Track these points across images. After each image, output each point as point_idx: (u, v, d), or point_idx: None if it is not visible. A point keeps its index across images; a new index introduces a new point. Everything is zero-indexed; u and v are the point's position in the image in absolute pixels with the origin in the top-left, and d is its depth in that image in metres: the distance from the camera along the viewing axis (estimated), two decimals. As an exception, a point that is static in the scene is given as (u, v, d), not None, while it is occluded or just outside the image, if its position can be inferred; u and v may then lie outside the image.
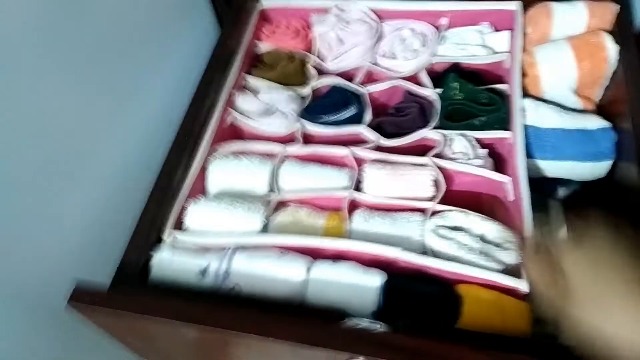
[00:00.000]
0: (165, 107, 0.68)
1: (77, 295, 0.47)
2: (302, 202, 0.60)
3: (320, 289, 0.50)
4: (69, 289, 0.47)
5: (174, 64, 0.73)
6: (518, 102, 0.60)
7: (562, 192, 0.63)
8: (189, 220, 0.57)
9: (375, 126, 0.64)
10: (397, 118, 0.65)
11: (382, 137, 0.62)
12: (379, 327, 0.44)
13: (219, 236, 0.55)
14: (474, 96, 0.63)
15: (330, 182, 0.60)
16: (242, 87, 0.70)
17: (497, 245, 0.52)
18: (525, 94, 0.62)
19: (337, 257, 0.53)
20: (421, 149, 0.62)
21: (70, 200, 0.57)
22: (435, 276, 0.51)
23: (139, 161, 0.64)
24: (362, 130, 0.63)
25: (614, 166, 0.58)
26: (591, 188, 0.61)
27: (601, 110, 0.63)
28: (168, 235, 0.55)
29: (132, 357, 0.58)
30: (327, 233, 0.57)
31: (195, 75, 0.67)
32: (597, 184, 0.60)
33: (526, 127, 0.59)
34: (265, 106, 0.68)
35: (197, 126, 0.63)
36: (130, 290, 0.49)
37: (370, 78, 0.70)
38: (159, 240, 0.55)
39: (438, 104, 0.64)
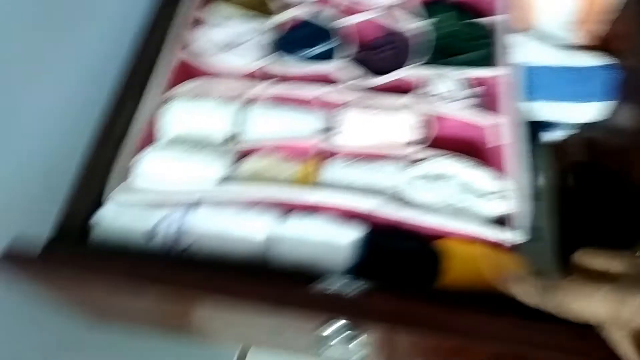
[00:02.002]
0: (113, 40, 0.58)
1: (9, 255, 0.40)
2: (270, 150, 0.54)
3: (289, 246, 0.45)
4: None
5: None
6: (507, 36, 0.54)
7: (549, 136, 0.58)
8: (137, 172, 0.50)
9: (350, 65, 0.57)
10: (377, 55, 0.59)
11: (357, 76, 0.55)
12: (355, 287, 0.39)
13: (173, 190, 0.49)
14: (465, 29, 0.57)
15: (302, 126, 0.54)
16: (198, 18, 0.62)
17: (484, 194, 0.48)
18: (515, 28, 0.56)
19: (309, 209, 0.48)
20: (402, 90, 0.55)
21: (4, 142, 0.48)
22: (415, 230, 0.46)
23: (82, 101, 0.55)
24: (337, 68, 0.56)
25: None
26: (583, 131, 0.57)
27: (603, 46, 0.57)
28: (113, 189, 0.48)
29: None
30: (299, 183, 0.51)
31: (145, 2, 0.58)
32: (590, 128, 0.56)
33: (516, 65, 0.53)
34: (226, 39, 0.60)
35: (145, 63, 0.55)
36: (70, 249, 0.42)
37: (345, 12, 0.62)
38: (101, 196, 0.48)
39: (420, 41, 0.57)
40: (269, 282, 0.38)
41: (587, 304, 0.33)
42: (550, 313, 0.35)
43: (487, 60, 0.55)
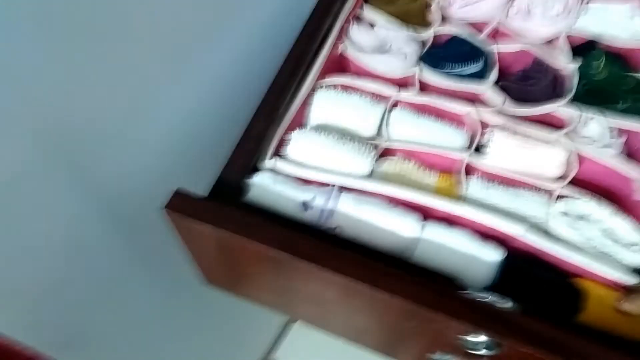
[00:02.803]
0: (284, 23, 0.61)
1: (176, 202, 0.43)
2: (410, 155, 0.55)
3: (432, 251, 0.46)
4: (162, 200, 0.42)
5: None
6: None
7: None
8: (291, 149, 0.52)
9: (498, 89, 0.58)
10: (525, 86, 0.59)
11: (509, 101, 0.56)
12: (509, 305, 0.40)
13: (325, 172, 0.50)
14: (618, 78, 0.57)
15: (445, 139, 0.55)
16: (358, 17, 0.64)
17: (627, 244, 0.48)
18: (675, 87, 0.56)
19: (446, 221, 0.49)
20: (547, 125, 0.56)
21: (171, 104, 0.51)
22: (555, 264, 0.46)
23: (247, 72, 0.58)
24: (487, 89, 0.57)
25: None
26: None
27: None
28: (269, 160, 0.50)
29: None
30: (438, 194, 0.52)
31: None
32: None
33: (673, 124, 0.53)
34: (381, 42, 0.62)
35: (310, 48, 0.57)
36: (234, 208, 0.44)
37: (496, 36, 0.63)
38: (257, 165, 0.51)
39: (574, 79, 0.57)
40: (425, 281, 0.39)
41: None
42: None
43: None
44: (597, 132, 0.54)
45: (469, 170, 0.54)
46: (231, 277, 0.52)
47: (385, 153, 0.55)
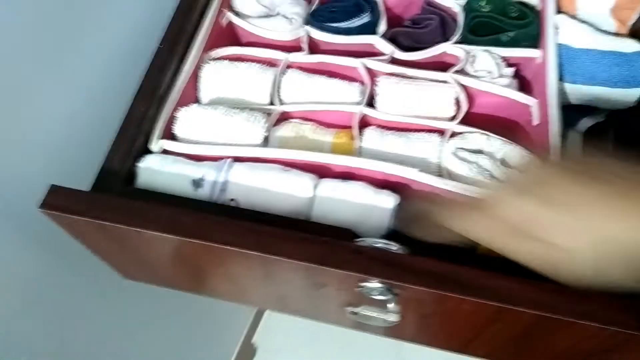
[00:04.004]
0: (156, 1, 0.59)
1: (52, 200, 0.41)
2: (306, 118, 0.54)
3: (328, 207, 0.45)
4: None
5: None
6: (551, 17, 0.54)
7: (585, 122, 0.58)
8: (179, 127, 0.51)
9: (389, 38, 0.58)
10: (414, 30, 0.59)
11: (397, 50, 0.56)
12: (395, 248, 0.40)
13: (215, 147, 0.49)
14: (502, 9, 0.57)
15: (338, 96, 0.54)
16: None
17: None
18: (558, 10, 0.56)
19: (345, 177, 0.48)
20: (440, 66, 0.56)
21: (50, 95, 0.49)
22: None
23: (126, 58, 0.55)
24: (376, 40, 0.56)
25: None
26: (616, 118, 0.57)
27: (633, 36, 0.58)
28: (157, 143, 0.49)
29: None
30: (335, 151, 0.51)
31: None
32: (623, 114, 0.56)
33: (557, 46, 0.54)
34: (265, 8, 0.60)
35: (188, 24, 0.55)
36: (114, 197, 0.43)
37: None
38: (145, 149, 0.49)
39: (461, 17, 0.57)
40: (312, 238, 0.39)
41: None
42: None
43: (530, 40, 0.55)
44: (487, 66, 0.54)
45: (368, 123, 0.53)
46: (139, 267, 0.51)
47: (287, 118, 0.54)
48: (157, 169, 0.47)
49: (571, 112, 0.56)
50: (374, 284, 0.39)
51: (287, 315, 0.57)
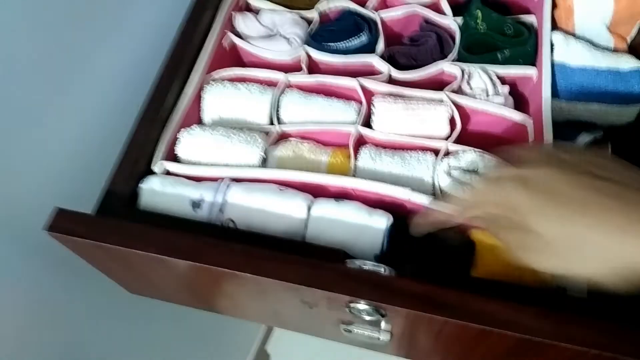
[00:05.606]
0: (160, 26, 0.61)
1: (57, 223, 0.43)
2: (304, 137, 0.55)
3: (322, 228, 0.47)
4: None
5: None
6: (547, 36, 0.55)
7: (583, 139, 0.58)
8: (181, 150, 0.53)
9: (387, 57, 0.59)
10: (411, 48, 0.60)
11: (393, 69, 0.57)
12: (383, 270, 0.41)
13: (214, 168, 0.51)
14: (499, 27, 0.57)
15: (336, 116, 0.55)
16: (241, 8, 0.64)
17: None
18: (554, 27, 0.56)
19: (341, 196, 0.49)
20: (437, 84, 0.56)
21: (55, 120, 0.51)
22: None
23: (131, 82, 0.58)
24: (373, 60, 0.57)
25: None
26: (614, 135, 0.57)
27: (633, 51, 0.57)
28: (158, 164, 0.51)
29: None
30: (331, 170, 0.52)
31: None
32: (620, 131, 0.56)
33: (553, 64, 0.54)
34: (267, 30, 0.62)
35: (191, 48, 0.57)
36: (115, 220, 0.45)
37: (384, 4, 0.63)
38: (148, 171, 0.51)
39: (457, 35, 0.58)
40: (300, 260, 0.40)
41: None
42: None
43: (526, 58, 0.55)
44: (482, 83, 0.55)
45: (364, 142, 0.54)
46: (143, 284, 0.53)
47: (286, 137, 0.56)
48: (159, 190, 0.49)
49: (569, 129, 0.56)
50: (363, 305, 0.40)
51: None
